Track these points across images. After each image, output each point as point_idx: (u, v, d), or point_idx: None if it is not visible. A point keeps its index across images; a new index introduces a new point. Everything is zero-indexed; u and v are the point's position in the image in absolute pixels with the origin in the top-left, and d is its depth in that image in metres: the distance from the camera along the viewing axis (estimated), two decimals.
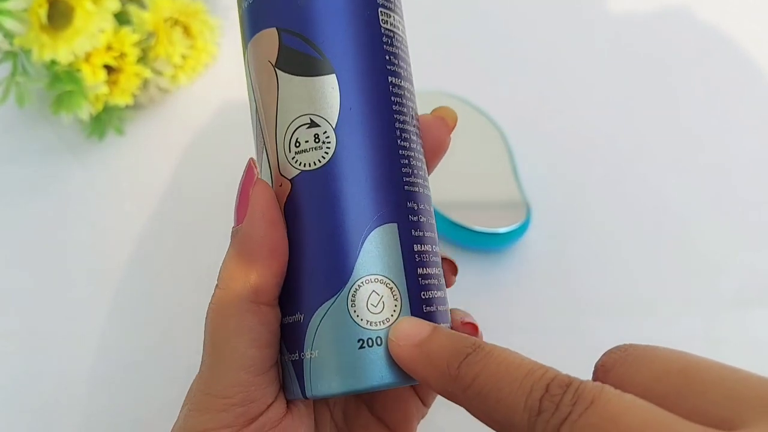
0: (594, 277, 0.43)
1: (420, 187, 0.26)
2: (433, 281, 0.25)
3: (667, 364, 0.18)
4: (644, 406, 0.17)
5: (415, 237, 0.25)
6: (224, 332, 0.23)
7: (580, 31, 0.53)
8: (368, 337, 0.24)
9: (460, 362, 0.20)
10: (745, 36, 0.51)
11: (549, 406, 0.17)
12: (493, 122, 0.46)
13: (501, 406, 0.19)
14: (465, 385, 0.20)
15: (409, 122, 0.26)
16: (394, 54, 0.26)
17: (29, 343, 0.42)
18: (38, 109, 0.48)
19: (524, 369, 0.19)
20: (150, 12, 0.46)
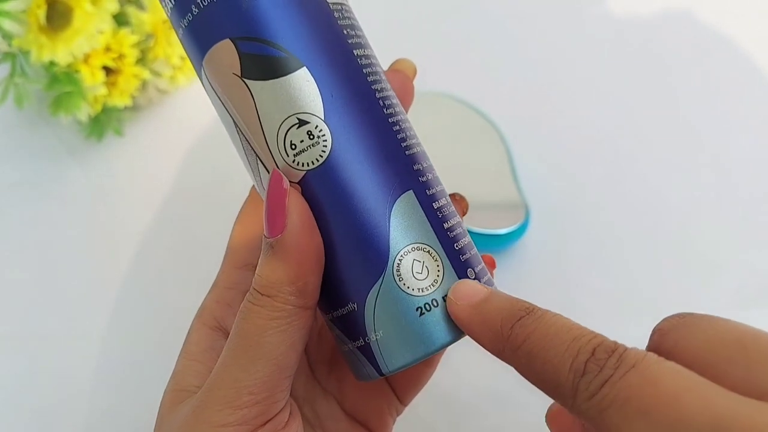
0: (593, 277, 0.43)
1: (416, 146, 0.26)
2: (459, 230, 0.26)
3: (724, 333, 0.19)
4: (684, 373, 0.17)
5: (431, 196, 0.25)
6: (267, 333, 0.23)
7: (580, 32, 0.53)
8: (424, 303, 0.24)
9: (513, 324, 0.21)
10: (746, 36, 0.51)
11: (593, 368, 0.18)
12: (491, 123, 0.46)
13: (548, 366, 0.19)
14: (516, 345, 0.21)
15: (386, 87, 0.26)
16: (349, 26, 0.26)
17: (29, 344, 0.42)
18: (37, 110, 0.48)
19: (573, 333, 0.20)
20: (149, 13, 0.46)
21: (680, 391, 0.17)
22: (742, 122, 0.48)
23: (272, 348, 0.23)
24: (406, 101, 0.29)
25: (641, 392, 0.17)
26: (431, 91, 0.48)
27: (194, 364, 0.27)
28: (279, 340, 0.23)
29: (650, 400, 0.17)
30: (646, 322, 0.42)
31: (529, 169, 0.45)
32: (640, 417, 0.17)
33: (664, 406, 0.17)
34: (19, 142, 0.49)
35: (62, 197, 0.47)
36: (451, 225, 0.26)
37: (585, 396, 0.18)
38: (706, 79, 0.50)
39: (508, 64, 0.51)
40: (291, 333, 0.23)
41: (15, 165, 0.48)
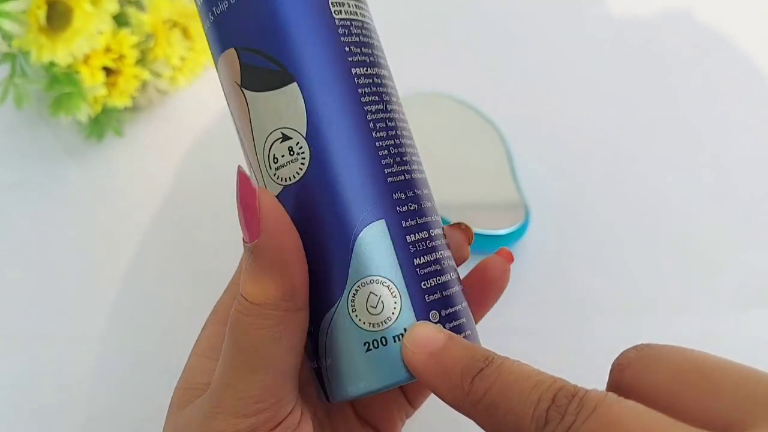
0: (593, 277, 0.43)
1: (407, 173, 0.25)
2: (435, 267, 0.25)
3: (682, 363, 0.19)
4: (645, 411, 0.17)
5: (407, 228, 0.24)
6: (263, 342, 0.23)
7: (580, 32, 0.53)
8: (373, 339, 0.24)
9: (473, 377, 0.20)
10: (746, 36, 0.51)
11: (555, 416, 0.18)
12: (491, 123, 0.46)
13: (510, 417, 0.19)
14: (476, 399, 0.20)
15: (385, 109, 0.25)
16: (355, 43, 0.25)
17: (28, 344, 0.42)
18: (37, 110, 0.48)
19: (533, 380, 0.19)
20: (149, 14, 0.46)
21: (641, 430, 0.17)
22: (742, 122, 0.48)
23: (270, 356, 0.23)
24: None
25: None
26: (431, 91, 0.48)
27: (205, 361, 0.27)
28: (276, 347, 0.23)
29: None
30: (645, 322, 0.43)
31: (529, 170, 0.45)
32: None
33: None
34: (19, 142, 0.49)
35: (62, 197, 0.47)
36: (426, 261, 0.24)
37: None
38: (706, 79, 0.50)
39: (508, 65, 0.51)
40: (287, 338, 0.23)
41: (15, 165, 0.48)
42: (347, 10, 0.26)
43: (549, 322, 0.41)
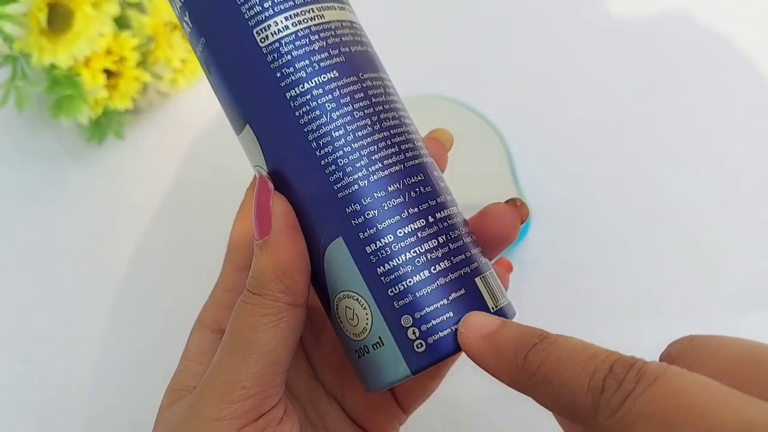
0: (594, 279, 0.43)
1: (361, 180, 0.25)
2: (404, 269, 0.24)
3: (735, 352, 0.19)
4: (709, 383, 0.17)
5: (365, 239, 0.24)
6: (258, 329, 0.24)
7: (580, 33, 0.53)
8: (359, 347, 0.25)
9: (527, 352, 0.21)
10: (748, 35, 0.51)
11: (612, 384, 0.18)
12: (491, 125, 0.46)
13: (565, 389, 0.19)
14: (531, 372, 0.20)
15: (328, 120, 0.25)
16: (286, 64, 0.25)
17: (29, 345, 0.42)
18: (38, 113, 0.48)
19: (588, 352, 0.19)
20: (149, 16, 0.46)
21: (707, 401, 0.16)
22: (744, 123, 0.48)
23: (263, 343, 0.24)
24: (440, 168, 0.29)
25: (667, 404, 0.17)
26: (432, 93, 0.48)
27: (193, 365, 0.28)
28: (270, 335, 0.24)
29: (677, 411, 0.16)
30: (647, 324, 0.42)
31: (529, 172, 0.45)
32: (668, 429, 0.16)
33: (693, 416, 0.16)
34: (20, 145, 0.49)
35: (63, 200, 0.47)
36: (390, 268, 0.24)
37: (606, 413, 0.18)
38: (707, 80, 0.50)
39: (509, 66, 0.51)
40: (281, 329, 0.24)
41: (16, 168, 0.48)
42: (275, 31, 0.25)
43: (550, 324, 0.41)
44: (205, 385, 0.24)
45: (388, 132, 0.26)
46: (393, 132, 0.26)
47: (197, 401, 0.24)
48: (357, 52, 0.26)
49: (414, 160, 0.26)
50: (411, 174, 0.25)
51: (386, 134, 0.25)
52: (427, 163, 0.27)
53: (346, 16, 0.27)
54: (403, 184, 0.25)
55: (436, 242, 0.25)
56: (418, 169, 0.26)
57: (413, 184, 0.25)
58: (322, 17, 0.26)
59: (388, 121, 0.26)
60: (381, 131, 0.25)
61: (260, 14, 0.25)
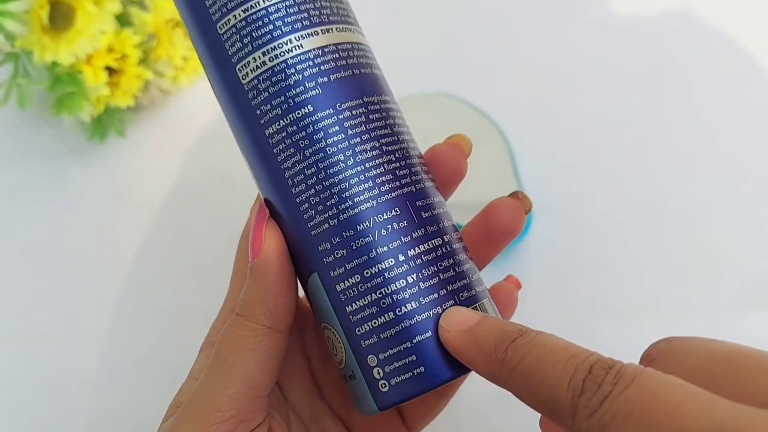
0: (596, 277, 0.43)
1: (333, 218, 0.25)
2: (371, 310, 0.24)
3: (712, 352, 0.19)
4: (683, 384, 0.17)
5: (336, 277, 0.25)
6: (236, 350, 0.25)
7: (582, 31, 0.53)
8: (343, 374, 0.26)
9: (507, 346, 0.21)
10: (752, 34, 0.51)
11: (591, 385, 0.18)
12: (493, 122, 0.46)
13: (545, 386, 0.19)
14: (511, 367, 0.21)
15: (303, 157, 0.25)
16: (264, 101, 0.25)
17: (30, 344, 0.42)
18: (39, 110, 0.48)
19: (569, 352, 0.20)
20: (151, 13, 0.46)
21: (681, 401, 0.17)
22: (748, 122, 0.48)
23: (241, 366, 0.24)
24: (458, 174, 0.29)
25: (642, 405, 0.17)
26: (433, 91, 0.48)
27: (191, 382, 0.28)
28: (248, 358, 0.24)
29: (652, 411, 0.17)
30: (648, 323, 0.42)
31: (531, 169, 0.45)
32: (644, 429, 0.17)
33: (667, 416, 0.17)
34: (21, 142, 0.49)
35: (64, 198, 0.47)
36: (359, 307, 0.24)
37: (585, 414, 0.18)
38: (712, 79, 0.50)
39: (510, 63, 0.51)
40: (259, 352, 0.24)
41: (17, 165, 0.48)
42: (253, 67, 0.25)
43: (551, 322, 0.41)
44: (185, 406, 0.25)
45: (363, 166, 0.25)
46: (369, 165, 0.25)
47: (176, 423, 0.25)
48: (339, 80, 0.25)
49: (391, 194, 0.25)
50: (384, 210, 0.25)
51: (360, 168, 0.25)
52: (411, 192, 0.25)
53: (333, 39, 0.26)
54: (374, 222, 0.24)
55: (403, 282, 0.24)
56: (394, 203, 0.25)
57: (386, 220, 0.25)
58: (300, 47, 0.25)
59: (365, 154, 0.25)
60: (355, 166, 0.25)
61: (241, 51, 0.25)
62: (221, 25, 0.26)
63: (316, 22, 0.26)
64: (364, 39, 0.28)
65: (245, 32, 0.25)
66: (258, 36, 0.25)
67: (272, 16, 0.25)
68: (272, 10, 0.25)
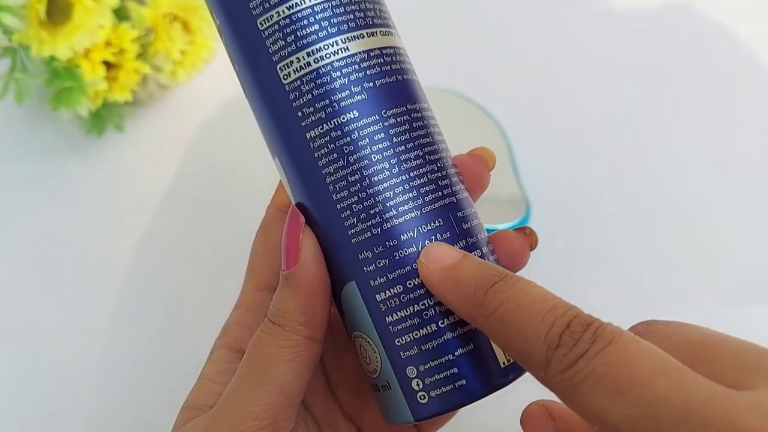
0: (594, 273, 0.43)
1: (376, 227, 0.24)
2: (413, 321, 0.24)
3: (687, 336, 0.20)
4: (660, 354, 0.18)
5: (377, 286, 0.24)
6: (274, 360, 0.24)
7: (581, 25, 0.53)
8: (373, 384, 0.26)
9: (487, 289, 0.21)
10: (753, 28, 0.51)
11: (568, 341, 0.18)
12: (492, 118, 0.46)
13: (521, 336, 0.19)
14: (489, 311, 0.21)
15: (346, 163, 0.24)
16: (308, 103, 0.24)
17: (30, 339, 0.42)
18: (37, 105, 0.48)
19: (548, 303, 0.20)
20: (149, 8, 0.45)
21: (655, 372, 0.17)
22: (747, 118, 0.48)
23: (279, 376, 0.24)
24: (480, 186, 0.28)
25: (616, 371, 0.17)
26: (432, 86, 0.48)
27: (209, 384, 0.28)
28: (286, 368, 0.24)
29: (625, 379, 0.17)
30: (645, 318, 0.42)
31: (529, 164, 0.45)
32: (614, 396, 0.17)
33: (639, 386, 0.17)
34: (19, 137, 0.49)
35: (63, 192, 0.47)
36: (399, 317, 0.24)
37: (558, 368, 0.18)
38: (711, 74, 0.50)
39: (510, 59, 0.51)
40: (298, 363, 0.24)
41: (15, 160, 0.48)
42: (296, 68, 0.25)
43: None
44: (218, 411, 0.25)
45: (408, 175, 0.24)
46: (414, 174, 0.24)
47: (209, 428, 0.24)
48: (384, 85, 0.25)
49: (434, 204, 0.25)
50: (428, 221, 0.24)
51: (405, 177, 0.24)
52: (452, 203, 0.25)
53: (378, 42, 0.25)
54: (418, 233, 0.24)
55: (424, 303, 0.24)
56: (437, 213, 0.25)
57: (430, 231, 0.24)
58: (346, 50, 0.25)
59: (409, 162, 0.25)
60: (400, 174, 0.24)
61: (283, 49, 0.25)
62: (262, 21, 0.25)
63: (361, 25, 0.25)
64: (402, 43, 0.27)
65: (289, 30, 0.24)
66: (303, 35, 0.24)
67: (318, 16, 0.25)
68: (318, 9, 0.24)
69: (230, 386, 0.25)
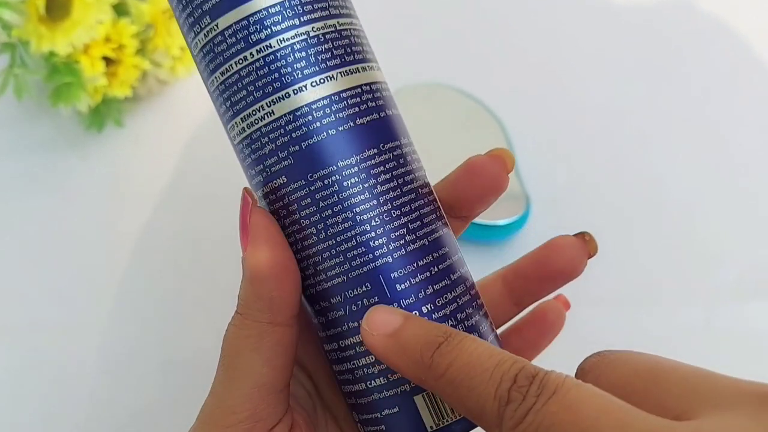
0: (594, 268, 0.43)
1: (312, 287, 0.24)
2: (348, 376, 0.25)
3: (637, 365, 0.20)
4: (601, 395, 0.18)
5: (322, 338, 0.25)
6: (241, 351, 0.24)
7: (581, 20, 0.53)
8: None
9: (433, 352, 0.21)
10: (753, 24, 0.51)
11: (516, 396, 0.19)
12: (492, 113, 0.46)
13: (473, 395, 0.19)
14: (438, 374, 0.21)
15: (282, 227, 0.24)
16: (249, 166, 0.25)
17: (29, 335, 0.42)
18: (37, 101, 0.48)
19: (494, 360, 0.20)
20: (148, 3, 0.45)
21: (598, 414, 0.17)
22: (747, 113, 0.48)
23: (248, 366, 0.24)
24: (498, 188, 0.27)
25: (562, 419, 0.18)
26: (431, 81, 0.48)
27: None
28: (253, 357, 0.24)
29: (571, 426, 0.17)
30: (646, 313, 0.43)
31: (529, 160, 0.45)
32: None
33: (584, 430, 0.17)
34: (18, 133, 0.49)
35: (62, 188, 0.47)
36: (339, 370, 0.25)
37: (510, 425, 0.18)
38: (708, 71, 0.50)
39: (510, 55, 0.51)
40: (264, 350, 0.24)
41: (15, 156, 0.48)
42: (236, 132, 0.25)
43: None
44: (201, 414, 0.25)
45: (335, 240, 0.23)
46: (341, 238, 0.23)
47: (195, 428, 0.24)
48: (310, 146, 0.23)
49: (362, 268, 0.24)
50: (354, 285, 0.24)
51: (331, 242, 0.24)
52: (385, 265, 0.24)
53: (305, 98, 0.24)
54: (345, 297, 0.24)
55: (366, 360, 0.24)
56: (364, 278, 0.24)
57: (356, 296, 0.24)
58: (271, 114, 0.24)
59: (336, 227, 0.23)
60: (326, 240, 0.24)
61: (227, 113, 0.25)
62: (209, 84, 0.25)
63: (288, 82, 0.24)
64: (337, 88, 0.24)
65: (225, 96, 0.25)
66: (236, 101, 0.24)
67: (244, 81, 0.24)
68: (243, 74, 0.24)
69: (212, 387, 0.25)
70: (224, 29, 0.24)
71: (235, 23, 0.24)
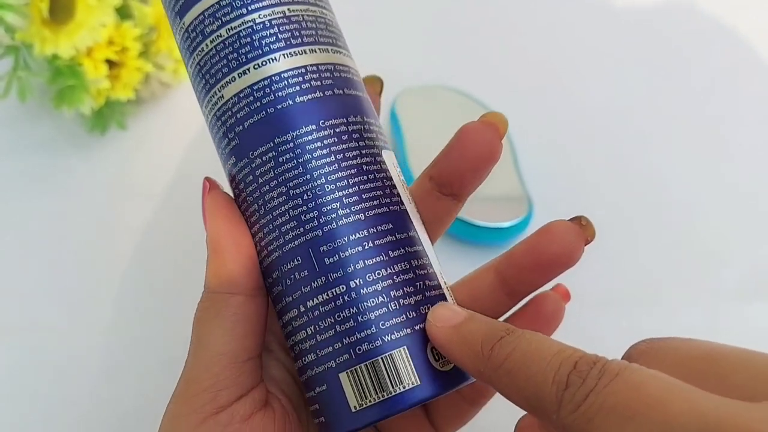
0: (596, 269, 0.43)
1: (262, 262, 0.26)
2: (293, 352, 0.25)
3: (691, 351, 0.19)
4: (667, 378, 0.18)
5: (278, 311, 0.26)
6: (203, 324, 0.25)
7: (581, 21, 0.53)
8: None
9: (494, 344, 0.21)
10: (754, 23, 0.51)
11: (576, 380, 0.18)
12: None
13: (530, 382, 0.20)
14: (497, 364, 0.21)
15: (238, 203, 0.27)
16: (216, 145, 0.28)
17: (30, 336, 0.42)
18: (40, 103, 0.48)
19: (554, 348, 0.20)
20: (151, 6, 0.46)
21: (665, 394, 0.17)
22: (748, 113, 0.48)
23: (208, 336, 0.25)
24: (492, 157, 0.27)
25: (626, 398, 0.17)
26: (432, 83, 0.48)
27: None
28: (213, 328, 0.25)
29: (636, 404, 0.17)
30: (648, 314, 0.43)
31: (531, 162, 0.45)
32: (627, 422, 0.17)
33: (650, 409, 0.17)
34: (22, 135, 0.49)
35: (65, 191, 0.47)
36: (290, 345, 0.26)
37: (570, 408, 0.18)
38: (710, 71, 0.50)
39: (510, 56, 0.51)
40: (223, 319, 0.25)
41: (18, 159, 0.48)
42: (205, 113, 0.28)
43: None
44: (175, 388, 0.25)
45: (272, 215, 0.25)
46: (276, 213, 0.25)
47: (169, 403, 0.25)
48: (252, 125, 0.25)
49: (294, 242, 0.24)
50: (288, 259, 0.25)
51: (269, 218, 0.25)
52: (315, 238, 0.24)
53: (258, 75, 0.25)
54: (281, 271, 0.25)
55: (303, 334, 0.24)
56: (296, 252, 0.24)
57: (290, 269, 0.25)
58: (221, 98, 0.26)
59: (273, 201, 0.25)
60: (266, 215, 0.25)
61: (199, 95, 0.27)
62: (189, 64, 0.28)
63: (233, 67, 0.26)
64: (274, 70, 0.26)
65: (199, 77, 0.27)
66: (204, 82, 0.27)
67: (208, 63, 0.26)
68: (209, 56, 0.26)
69: None
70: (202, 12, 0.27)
71: None
